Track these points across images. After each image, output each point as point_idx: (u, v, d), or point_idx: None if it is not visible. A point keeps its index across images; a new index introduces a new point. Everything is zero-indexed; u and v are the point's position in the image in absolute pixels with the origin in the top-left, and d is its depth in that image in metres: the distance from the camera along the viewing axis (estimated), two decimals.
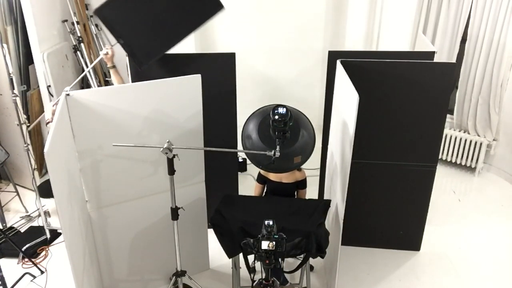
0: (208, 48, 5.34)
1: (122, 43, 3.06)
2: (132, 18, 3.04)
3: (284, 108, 2.70)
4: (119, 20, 3.04)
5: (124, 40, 3.05)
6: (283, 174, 3.15)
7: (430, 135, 3.28)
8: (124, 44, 3.08)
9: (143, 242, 3.18)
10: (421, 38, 3.95)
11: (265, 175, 3.19)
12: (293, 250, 2.70)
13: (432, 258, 3.68)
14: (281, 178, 3.15)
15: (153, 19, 3.06)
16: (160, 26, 3.07)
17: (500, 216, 4.21)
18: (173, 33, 3.09)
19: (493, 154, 4.78)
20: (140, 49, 3.09)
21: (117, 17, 3.03)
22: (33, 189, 3.94)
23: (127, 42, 3.06)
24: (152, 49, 3.10)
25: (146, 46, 3.09)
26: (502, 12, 4.20)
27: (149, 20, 3.06)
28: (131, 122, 2.79)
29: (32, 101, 4.43)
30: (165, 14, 3.06)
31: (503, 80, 4.43)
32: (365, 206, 3.59)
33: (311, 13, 5.24)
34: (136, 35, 3.07)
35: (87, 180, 2.83)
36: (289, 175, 3.15)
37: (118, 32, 3.05)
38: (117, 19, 3.03)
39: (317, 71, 5.37)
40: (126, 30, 3.05)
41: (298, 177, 3.16)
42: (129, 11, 3.03)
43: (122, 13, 3.03)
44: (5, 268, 3.16)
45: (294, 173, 3.15)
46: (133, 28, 3.06)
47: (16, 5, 4.22)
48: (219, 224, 2.83)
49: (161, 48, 3.11)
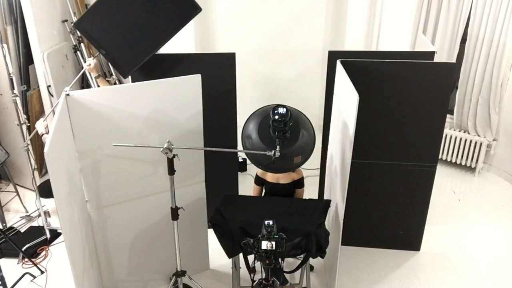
0: (208, 48, 5.34)
1: (104, 53, 3.10)
2: (112, 28, 3.08)
3: (284, 108, 2.70)
4: (99, 31, 3.07)
5: (105, 50, 3.09)
6: (280, 175, 3.15)
7: (430, 135, 3.28)
8: (106, 54, 3.12)
9: (143, 242, 3.18)
10: (421, 38, 3.95)
11: (262, 176, 3.18)
12: (293, 250, 2.70)
13: (432, 258, 3.68)
14: (278, 179, 3.15)
15: (132, 27, 3.09)
16: (139, 33, 3.10)
17: (500, 216, 4.21)
18: (153, 39, 3.13)
19: (493, 154, 4.78)
20: (122, 58, 3.12)
21: (96, 29, 3.06)
22: (33, 189, 3.94)
23: (108, 52, 3.10)
24: (134, 57, 3.13)
25: (128, 54, 3.12)
26: (502, 12, 4.20)
27: (129, 28, 3.09)
28: (131, 122, 2.79)
29: (32, 101, 4.43)
30: (143, 21, 3.09)
31: (503, 80, 4.43)
32: (365, 206, 3.59)
33: (311, 13, 5.24)
34: (117, 44, 3.10)
35: (87, 180, 2.83)
36: (286, 175, 3.15)
37: (99, 43, 3.09)
38: (97, 30, 3.07)
39: (317, 71, 5.37)
40: (106, 40, 3.08)
41: (295, 177, 3.16)
42: (108, 21, 3.07)
43: (101, 24, 3.06)
44: (5, 268, 3.16)
45: (291, 174, 3.15)
46: (113, 38, 3.09)
47: (16, 5, 4.22)
48: (219, 224, 2.83)
49: (142, 55, 3.13)
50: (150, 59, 3.17)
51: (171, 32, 3.15)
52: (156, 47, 3.14)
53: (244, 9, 5.22)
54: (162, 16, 3.09)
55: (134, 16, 3.07)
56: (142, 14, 3.08)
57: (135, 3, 3.06)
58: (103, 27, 3.07)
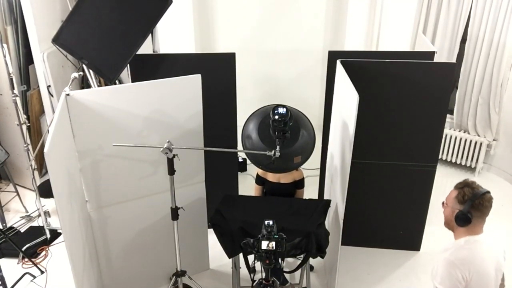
0: (208, 48, 5.34)
1: (86, 63, 3.11)
2: (89, 37, 3.10)
3: (284, 108, 2.70)
4: (78, 43, 3.09)
5: (87, 60, 3.11)
6: (281, 175, 3.15)
7: (430, 135, 3.28)
8: (89, 64, 3.14)
9: (143, 242, 3.18)
10: (421, 38, 3.95)
11: (263, 176, 3.19)
12: (293, 250, 2.70)
13: (432, 258, 3.64)
14: (279, 179, 3.15)
15: (109, 32, 3.11)
16: (117, 37, 3.12)
17: (500, 216, 4.21)
18: (131, 40, 3.14)
19: (493, 154, 4.78)
20: (104, 65, 3.14)
21: (75, 41, 3.08)
22: (33, 189, 3.94)
23: (90, 62, 3.12)
24: (115, 62, 3.14)
25: (109, 60, 3.13)
26: (502, 12, 4.20)
27: (105, 34, 3.11)
28: (131, 122, 2.79)
29: (32, 101, 4.43)
30: (118, 24, 3.11)
31: (503, 80, 4.43)
32: (365, 206, 3.59)
33: (311, 13, 5.24)
34: (97, 52, 3.12)
35: (87, 180, 2.83)
36: (287, 175, 3.15)
37: (79, 54, 3.11)
38: (75, 42, 3.09)
39: (317, 71, 5.37)
40: (86, 50, 3.10)
41: (296, 177, 3.16)
42: (84, 31, 3.09)
43: (78, 35, 3.08)
44: (5, 268, 3.16)
45: (292, 173, 3.15)
46: (92, 46, 3.11)
47: (16, 5, 4.22)
48: (219, 224, 2.83)
49: (124, 57, 3.15)
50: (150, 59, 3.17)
51: (147, 29, 3.18)
52: (135, 47, 3.16)
53: (244, 9, 5.22)
54: (134, 16, 3.11)
55: (108, 21, 3.10)
56: (115, 17, 3.11)
57: (106, 9, 3.08)
58: (81, 38, 3.09)
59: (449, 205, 2.02)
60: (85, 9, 3.05)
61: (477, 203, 1.92)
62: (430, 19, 4.66)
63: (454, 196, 2.00)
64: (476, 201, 1.92)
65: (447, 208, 2.04)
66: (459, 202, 1.96)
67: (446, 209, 2.04)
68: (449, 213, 2.02)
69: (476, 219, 1.94)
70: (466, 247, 1.96)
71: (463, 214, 1.94)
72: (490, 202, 1.96)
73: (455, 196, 1.99)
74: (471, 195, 1.93)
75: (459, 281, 1.90)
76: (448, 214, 2.03)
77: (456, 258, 1.93)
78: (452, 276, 1.90)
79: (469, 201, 1.93)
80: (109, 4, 3.08)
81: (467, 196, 1.94)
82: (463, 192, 1.96)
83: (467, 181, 2.02)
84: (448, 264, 1.92)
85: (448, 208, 2.03)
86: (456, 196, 1.98)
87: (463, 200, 1.95)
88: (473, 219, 1.93)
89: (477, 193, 1.93)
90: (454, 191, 2.01)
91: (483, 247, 1.98)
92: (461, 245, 1.97)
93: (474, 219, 1.94)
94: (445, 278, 1.91)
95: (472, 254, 1.95)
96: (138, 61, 3.25)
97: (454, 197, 1.99)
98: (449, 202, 2.03)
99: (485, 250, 1.99)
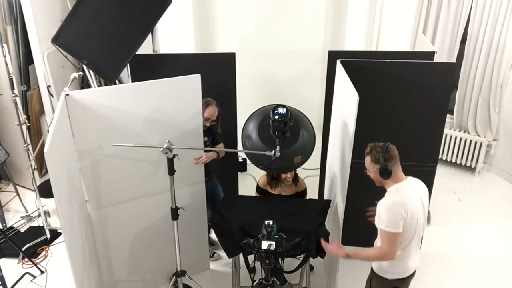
0: (208, 48, 5.34)
1: (86, 63, 3.10)
2: (89, 37, 3.09)
3: (284, 108, 2.70)
4: (77, 43, 3.08)
5: (87, 60, 3.10)
6: (282, 187, 3.14)
7: (430, 135, 3.28)
8: (88, 64, 3.13)
9: (143, 242, 3.18)
10: (421, 38, 3.95)
11: (264, 187, 3.18)
12: (293, 250, 2.70)
13: (432, 258, 3.68)
14: (280, 192, 3.15)
15: (108, 32, 3.11)
16: (116, 37, 3.12)
17: (500, 216, 4.21)
18: (130, 40, 3.14)
19: (493, 154, 4.77)
20: (104, 64, 3.14)
21: (74, 41, 3.08)
22: (33, 189, 3.94)
23: (90, 62, 3.11)
24: (115, 61, 3.15)
25: (110, 60, 3.13)
26: (502, 12, 4.20)
27: (105, 34, 3.11)
28: (131, 122, 2.79)
29: (32, 101, 4.43)
30: (118, 24, 3.11)
31: (503, 80, 4.43)
32: (365, 206, 3.57)
33: (311, 13, 5.24)
34: (97, 52, 3.12)
35: (87, 180, 2.83)
36: (288, 187, 3.15)
37: (79, 54, 3.10)
38: (75, 42, 3.08)
39: (317, 71, 5.37)
40: (86, 50, 3.10)
41: (298, 190, 3.17)
42: (84, 31, 3.08)
43: (78, 36, 3.08)
44: (5, 268, 3.15)
45: (293, 186, 3.16)
46: (92, 47, 3.10)
47: (16, 5, 4.22)
48: (219, 224, 2.83)
49: (123, 57, 3.15)
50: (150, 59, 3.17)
51: (146, 30, 3.18)
52: (134, 47, 3.16)
53: (244, 9, 5.22)
54: (134, 16, 3.11)
55: (107, 21, 3.10)
56: (115, 17, 3.10)
57: (106, 9, 3.08)
58: (81, 38, 3.08)
59: (370, 169, 2.37)
60: (85, 9, 3.05)
61: (387, 156, 2.30)
62: (430, 19, 4.66)
63: (369, 162, 2.35)
64: (385, 155, 2.30)
65: (370, 172, 2.38)
66: (375, 162, 2.32)
67: (370, 173, 2.39)
68: (374, 174, 2.37)
69: (393, 167, 2.32)
70: (397, 193, 2.34)
71: (383, 169, 2.31)
72: (395, 150, 2.34)
73: (370, 161, 2.35)
74: (380, 153, 2.30)
75: (400, 219, 2.27)
76: (374, 175, 2.38)
77: (393, 202, 2.30)
78: (394, 215, 2.27)
79: (381, 158, 2.30)
80: (108, 4, 3.08)
81: (378, 155, 2.31)
82: (373, 154, 2.33)
83: (370, 144, 2.37)
84: (388, 207, 2.29)
85: (371, 172, 2.38)
86: (371, 160, 2.34)
87: (377, 159, 2.31)
88: (392, 169, 2.31)
89: (382, 149, 2.31)
90: (367, 158, 2.36)
91: (409, 189, 2.38)
92: (393, 192, 2.34)
93: (392, 168, 2.31)
94: (389, 220, 2.28)
95: (404, 196, 2.33)
96: (138, 61, 3.25)
97: (370, 162, 2.35)
98: (368, 167, 2.38)
99: (411, 191, 2.38)
